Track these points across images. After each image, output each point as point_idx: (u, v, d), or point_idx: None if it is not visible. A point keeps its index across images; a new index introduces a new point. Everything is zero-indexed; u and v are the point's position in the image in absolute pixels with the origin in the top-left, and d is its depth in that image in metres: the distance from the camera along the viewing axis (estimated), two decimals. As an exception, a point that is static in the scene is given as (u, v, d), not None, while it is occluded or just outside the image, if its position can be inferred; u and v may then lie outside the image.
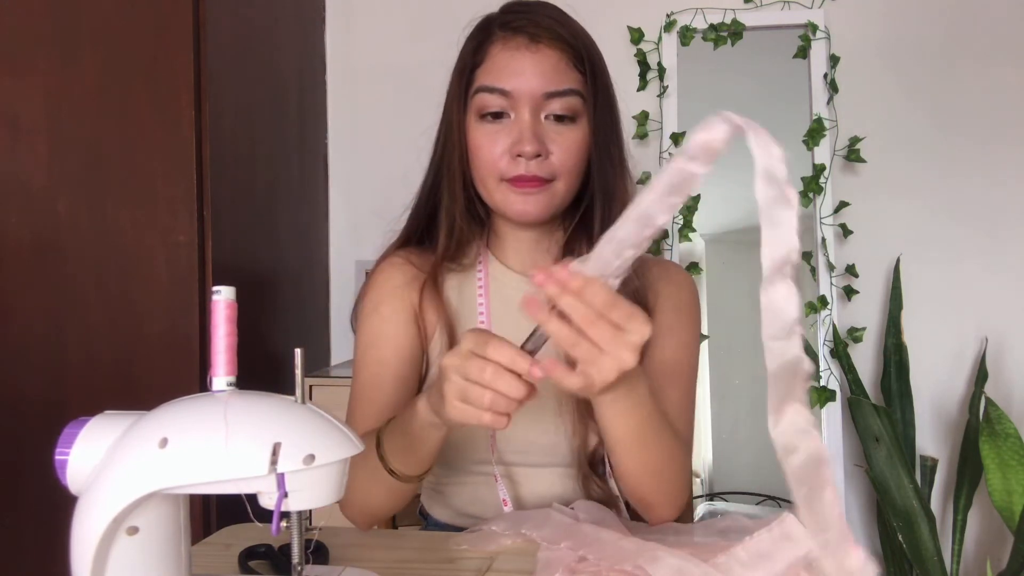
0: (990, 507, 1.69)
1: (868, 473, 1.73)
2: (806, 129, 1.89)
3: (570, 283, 0.61)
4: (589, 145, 0.88)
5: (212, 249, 1.47)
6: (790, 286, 0.59)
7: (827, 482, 0.54)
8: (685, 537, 0.75)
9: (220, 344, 0.55)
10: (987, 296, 1.88)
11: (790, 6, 1.92)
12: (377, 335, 0.91)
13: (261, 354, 1.64)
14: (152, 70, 1.46)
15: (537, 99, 0.84)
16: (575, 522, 0.76)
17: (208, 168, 1.47)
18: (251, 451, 0.48)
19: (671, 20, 1.94)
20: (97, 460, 0.51)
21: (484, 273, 0.94)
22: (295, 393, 0.54)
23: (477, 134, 0.87)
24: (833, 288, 1.88)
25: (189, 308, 1.46)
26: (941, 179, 1.91)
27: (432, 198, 0.94)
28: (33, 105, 1.47)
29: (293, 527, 0.57)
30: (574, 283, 0.61)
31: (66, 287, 1.47)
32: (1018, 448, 1.56)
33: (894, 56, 1.92)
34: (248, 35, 1.70)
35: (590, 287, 0.61)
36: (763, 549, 0.62)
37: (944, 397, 1.90)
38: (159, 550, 0.53)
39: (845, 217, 1.90)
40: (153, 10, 1.46)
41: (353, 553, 0.74)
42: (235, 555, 0.71)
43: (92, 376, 1.47)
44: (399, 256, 0.95)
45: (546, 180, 0.86)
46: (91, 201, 1.47)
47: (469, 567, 0.71)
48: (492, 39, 0.87)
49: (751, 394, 2.06)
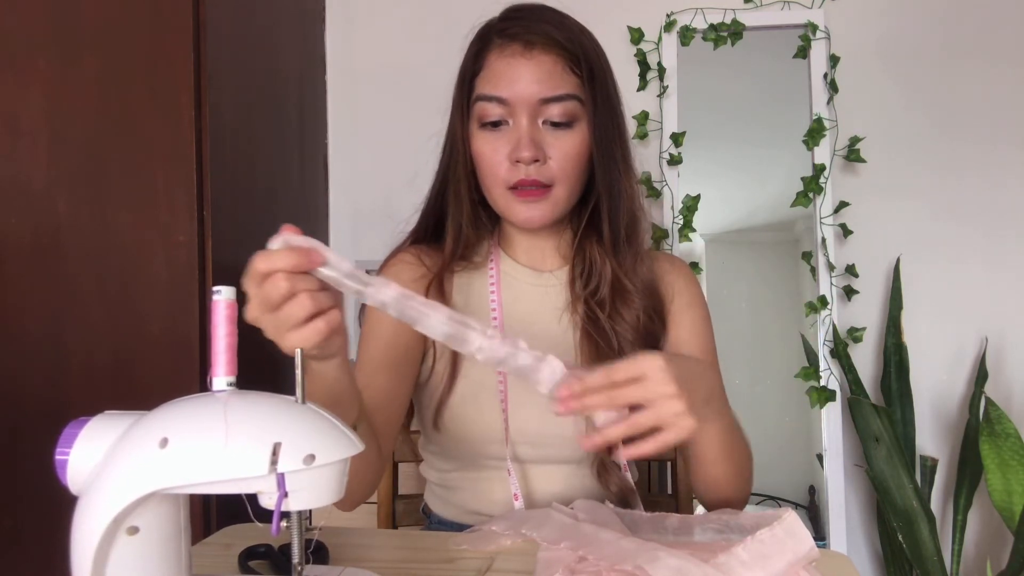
0: (990, 507, 1.69)
1: (868, 473, 1.73)
2: (806, 129, 1.89)
3: (576, 391, 0.66)
4: (590, 147, 0.88)
5: (212, 249, 1.47)
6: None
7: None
8: (685, 537, 0.75)
9: (220, 344, 0.55)
10: (987, 296, 1.88)
11: (790, 6, 1.92)
12: (378, 325, 0.91)
13: (261, 354, 1.63)
14: (152, 70, 1.46)
15: (533, 105, 0.85)
16: (575, 522, 0.76)
17: (208, 168, 1.47)
18: (251, 451, 0.48)
19: (671, 20, 1.94)
20: (97, 460, 0.51)
21: (496, 270, 0.96)
22: (295, 393, 0.54)
23: (479, 142, 0.88)
24: (833, 288, 1.88)
25: (189, 308, 1.46)
26: (941, 179, 1.91)
27: (439, 203, 0.96)
28: (33, 105, 1.46)
29: (293, 527, 0.57)
30: (576, 389, 0.66)
31: (66, 287, 1.47)
32: (1018, 448, 1.56)
33: (894, 56, 1.92)
34: (248, 35, 1.70)
35: (588, 381, 0.66)
36: (764, 548, 0.62)
37: (944, 397, 1.90)
38: (159, 550, 0.53)
39: (845, 217, 1.89)
40: (153, 10, 1.46)
41: (353, 553, 0.74)
42: (235, 555, 0.71)
43: (92, 376, 1.47)
44: (410, 253, 0.96)
45: (546, 186, 0.87)
46: (91, 201, 1.47)
47: (469, 567, 0.71)
48: (490, 47, 0.88)
49: (751, 394, 2.06)
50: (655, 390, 0.66)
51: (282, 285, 0.57)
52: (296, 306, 0.58)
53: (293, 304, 0.58)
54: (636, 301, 0.92)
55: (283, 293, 0.57)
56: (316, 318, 0.59)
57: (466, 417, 0.90)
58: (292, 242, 0.58)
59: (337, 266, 0.59)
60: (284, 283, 0.57)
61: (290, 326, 0.58)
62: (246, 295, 0.59)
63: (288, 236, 0.59)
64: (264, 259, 0.57)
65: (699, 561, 0.60)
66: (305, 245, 0.58)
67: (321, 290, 0.59)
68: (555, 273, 0.97)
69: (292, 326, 0.58)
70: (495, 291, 0.94)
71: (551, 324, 0.94)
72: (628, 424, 0.67)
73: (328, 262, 0.59)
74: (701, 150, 1.94)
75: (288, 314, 0.58)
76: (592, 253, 0.92)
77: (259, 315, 0.59)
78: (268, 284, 0.57)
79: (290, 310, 0.58)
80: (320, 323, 0.59)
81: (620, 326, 0.90)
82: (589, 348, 0.90)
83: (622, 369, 0.67)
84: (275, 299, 0.57)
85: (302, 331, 0.58)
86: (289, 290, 0.57)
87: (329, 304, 0.60)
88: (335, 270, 0.59)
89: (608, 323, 0.90)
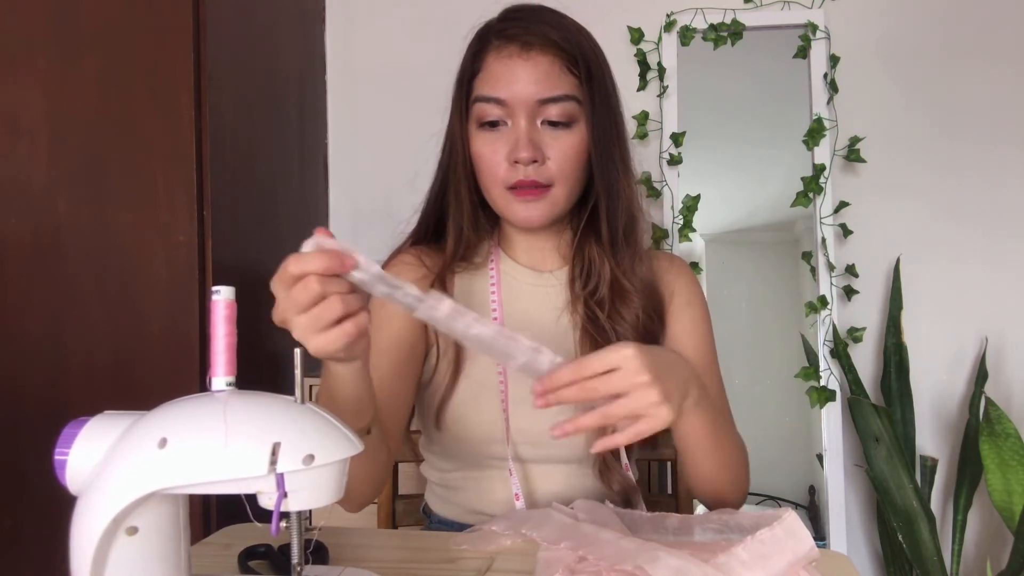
0: (990, 507, 1.69)
1: (868, 473, 1.73)
2: (806, 129, 1.89)
3: (549, 387, 0.66)
4: (588, 147, 0.88)
5: (212, 249, 1.47)
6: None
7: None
8: (685, 537, 0.75)
9: (220, 344, 0.55)
10: (987, 296, 1.88)
11: (790, 6, 1.92)
12: (383, 326, 0.91)
13: (261, 354, 1.63)
14: (152, 70, 1.46)
15: (531, 106, 0.85)
16: (575, 522, 0.76)
17: (208, 168, 1.47)
18: (251, 451, 0.48)
19: (671, 20, 1.94)
20: (97, 460, 0.51)
21: (496, 271, 0.96)
22: (295, 393, 0.54)
23: (478, 143, 0.89)
24: (833, 288, 1.88)
25: (189, 308, 1.46)
26: (941, 179, 1.91)
27: (440, 203, 0.96)
28: (33, 105, 1.47)
29: (293, 527, 0.57)
30: (549, 385, 0.66)
31: (66, 287, 1.47)
32: (1018, 448, 1.56)
33: (894, 56, 1.92)
34: (248, 35, 1.70)
35: (558, 374, 0.66)
36: (764, 548, 0.62)
37: (944, 397, 1.90)
38: (159, 550, 0.53)
39: (845, 217, 1.89)
40: (153, 10, 1.46)
41: (353, 553, 0.74)
42: (235, 555, 0.71)
43: (92, 376, 1.47)
44: (411, 254, 0.96)
45: (545, 186, 0.87)
46: (91, 201, 1.47)
47: (469, 567, 0.71)
48: (488, 48, 0.89)
49: (750, 394, 2.06)
50: (629, 380, 0.66)
51: (314, 288, 0.57)
52: (327, 309, 0.58)
53: (324, 307, 0.58)
54: (635, 301, 0.92)
55: (314, 296, 0.58)
56: (345, 321, 0.59)
57: (468, 417, 0.91)
58: (324, 245, 0.59)
59: (367, 269, 0.60)
60: (316, 286, 0.57)
61: (319, 328, 0.59)
62: (274, 296, 0.60)
63: (320, 239, 0.59)
64: (297, 262, 0.58)
65: (699, 561, 0.60)
66: (337, 248, 0.59)
67: (351, 292, 0.60)
68: (555, 273, 0.97)
69: (321, 328, 0.59)
70: (495, 291, 0.95)
71: (551, 324, 0.94)
72: (600, 413, 0.67)
73: (359, 265, 0.59)
74: (701, 150, 1.94)
75: (318, 316, 0.58)
76: (591, 253, 0.93)
77: (288, 316, 0.59)
78: (300, 286, 0.58)
79: (320, 312, 0.58)
80: (349, 326, 0.60)
81: (620, 326, 0.91)
82: (589, 348, 0.90)
83: (595, 360, 0.67)
84: (306, 302, 0.58)
85: (330, 333, 0.59)
86: (321, 293, 0.58)
87: (357, 307, 0.60)
88: (365, 273, 0.60)
89: (608, 323, 0.90)
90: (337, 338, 0.59)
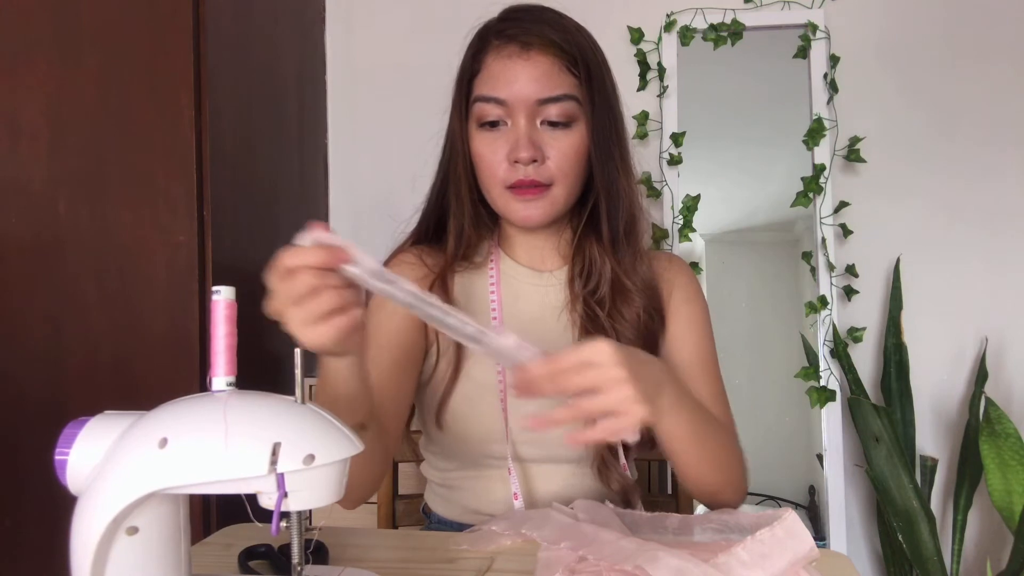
0: (990, 507, 1.69)
1: (868, 473, 1.73)
2: (806, 129, 1.89)
3: (528, 379, 0.66)
4: (588, 147, 0.88)
5: (212, 249, 1.47)
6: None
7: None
8: (685, 537, 0.75)
9: (220, 344, 0.55)
10: (987, 296, 1.88)
11: (790, 6, 1.92)
12: (380, 326, 0.91)
13: (261, 354, 1.63)
14: (152, 70, 1.46)
15: (531, 106, 0.85)
16: (575, 522, 0.76)
17: (208, 168, 1.47)
18: (251, 451, 0.48)
19: (671, 20, 1.94)
20: (97, 460, 0.51)
21: (496, 270, 0.96)
22: (295, 393, 0.54)
23: (478, 143, 0.89)
24: (833, 288, 1.88)
25: (189, 308, 1.46)
26: (941, 179, 1.91)
27: (440, 203, 0.96)
28: (33, 105, 1.46)
29: (293, 527, 0.57)
30: (523, 376, 0.66)
31: (66, 287, 1.47)
32: (1018, 448, 1.56)
33: (894, 56, 1.92)
34: (248, 35, 1.70)
35: (533, 368, 0.66)
36: (764, 548, 0.62)
37: (944, 397, 1.89)
38: (159, 550, 0.53)
39: (845, 217, 1.89)
40: (153, 10, 1.46)
41: (353, 553, 0.74)
42: (235, 555, 0.71)
43: (92, 376, 1.47)
44: (411, 254, 0.96)
45: (544, 185, 0.87)
46: (91, 201, 1.47)
47: (469, 567, 0.71)
48: (487, 48, 0.89)
49: (750, 394, 2.06)
50: (604, 375, 0.66)
51: (308, 281, 0.58)
52: (320, 302, 0.59)
53: (318, 300, 0.59)
54: (636, 300, 0.92)
55: (308, 289, 0.58)
56: (338, 314, 0.60)
57: (468, 416, 0.91)
58: (321, 239, 0.59)
59: (363, 264, 0.60)
60: (310, 279, 0.58)
61: (313, 321, 0.59)
62: (270, 289, 0.60)
63: (317, 233, 0.60)
64: (292, 255, 0.59)
65: (699, 561, 0.60)
66: (333, 242, 0.59)
67: (345, 287, 0.60)
68: (555, 273, 0.97)
69: (315, 321, 0.59)
70: (495, 291, 0.95)
71: (551, 323, 0.94)
72: (572, 408, 0.67)
73: (355, 260, 0.60)
74: (701, 150, 1.94)
75: (312, 309, 0.59)
76: (591, 252, 0.93)
77: (282, 309, 0.60)
78: (294, 279, 0.58)
79: (314, 305, 0.59)
80: (342, 320, 0.60)
81: (620, 325, 0.91)
82: None
83: (571, 355, 0.67)
84: (299, 294, 0.58)
85: (323, 326, 0.59)
86: (314, 286, 0.58)
87: (352, 301, 0.61)
88: (361, 268, 0.60)
89: (608, 322, 0.90)
90: (329, 332, 0.60)
